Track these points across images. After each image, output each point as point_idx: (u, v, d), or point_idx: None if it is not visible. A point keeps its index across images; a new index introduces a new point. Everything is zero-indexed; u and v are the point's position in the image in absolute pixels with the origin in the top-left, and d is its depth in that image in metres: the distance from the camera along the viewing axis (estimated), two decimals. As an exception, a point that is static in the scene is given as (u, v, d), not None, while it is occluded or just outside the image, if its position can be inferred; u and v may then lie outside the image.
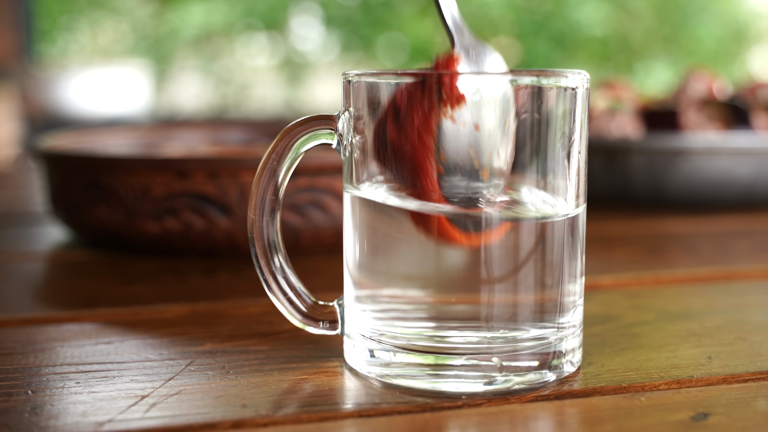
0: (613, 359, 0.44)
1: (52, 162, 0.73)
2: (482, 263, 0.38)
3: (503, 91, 0.38)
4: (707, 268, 0.66)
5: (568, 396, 0.39)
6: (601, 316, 0.52)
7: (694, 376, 0.41)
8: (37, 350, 0.45)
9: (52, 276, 0.67)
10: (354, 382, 0.40)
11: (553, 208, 0.40)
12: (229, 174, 0.64)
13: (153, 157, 0.67)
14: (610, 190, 0.94)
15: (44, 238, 0.79)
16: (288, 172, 0.43)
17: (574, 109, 0.40)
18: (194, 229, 0.65)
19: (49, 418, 0.36)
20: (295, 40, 5.00)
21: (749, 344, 0.46)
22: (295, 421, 0.36)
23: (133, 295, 0.57)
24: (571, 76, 0.39)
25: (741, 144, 0.90)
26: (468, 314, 0.39)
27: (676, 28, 4.88)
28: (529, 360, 0.39)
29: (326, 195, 0.65)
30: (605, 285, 0.60)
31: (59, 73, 4.02)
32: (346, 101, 0.41)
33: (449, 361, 0.39)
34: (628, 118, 0.97)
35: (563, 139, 0.39)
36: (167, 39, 4.84)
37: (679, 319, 0.52)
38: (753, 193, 0.91)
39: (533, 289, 0.39)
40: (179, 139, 0.93)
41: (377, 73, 0.39)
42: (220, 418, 0.36)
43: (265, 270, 0.43)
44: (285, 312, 0.43)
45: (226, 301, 0.55)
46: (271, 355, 0.44)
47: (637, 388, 0.40)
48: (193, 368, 0.42)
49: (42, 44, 4.51)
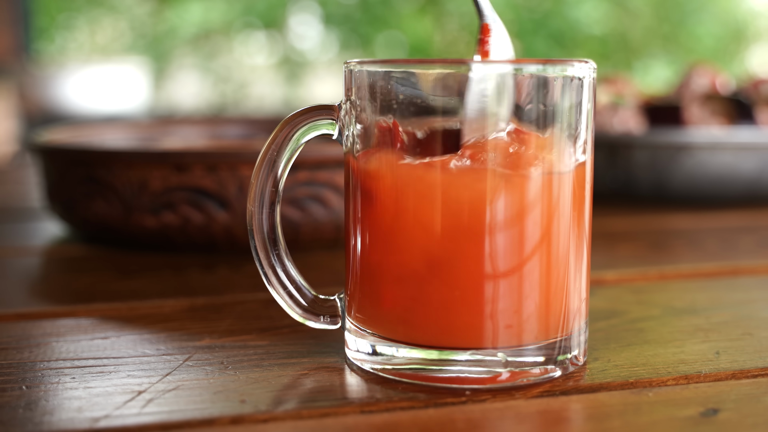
0: (620, 354, 0.43)
1: (49, 156, 0.72)
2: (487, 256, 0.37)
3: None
4: (712, 264, 0.65)
5: (575, 391, 0.38)
6: (606, 312, 0.51)
7: (702, 371, 0.40)
8: (32, 345, 0.44)
9: (49, 271, 0.66)
10: (355, 378, 0.39)
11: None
12: (227, 168, 0.63)
13: (150, 150, 0.67)
14: (613, 185, 0.93)
15: (41, 233, 0.78)
16: (288, 163, 0.42)
17: (580, 99, 0.39)
18: (192, 224, 0.64)
19: (44, 413, 0.35)
20: (294, 39, 4.99)
21: (757, 339, 0.45)
22: (296, 417, 0.35)
23: (130, 289, 0.56)
24: (578, 66, 0.39)
25: (745, 139, 0.89)
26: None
27: (675, 26, 4.87)
28: (535, 355, 0.39)
29: (326, 189, 0.65)
30: (609, 280, 0.59)
31: (57, 70, 4.01)
32: (347, 91, 0.40)
33: (453, 356, 0.38)
34: (631, 113, 0.97)
35: (569, 129, 0.38)
36: (166, 37, 4.83)
37: (685, 314, 0.51)
38: (757, 188, 0.90)
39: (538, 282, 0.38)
40: (177, 134, 0.92)
41: (379, 61, 0.38)
42: (218, 414, 0.35)
43: (265, 263, 0.42)
44: (285, 306, 0.42)
45: (224, 295, 0.55)
46: (270, 350, 0.43)
47: (645, 383, 0.39)
48: (191, 363, 0.41)
49: (40, 42, 4.50)
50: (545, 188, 0.38)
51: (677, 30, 4.87)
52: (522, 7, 4.81)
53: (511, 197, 0.37)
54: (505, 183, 0.37)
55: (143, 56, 4.60)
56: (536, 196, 0.38)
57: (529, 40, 4.75)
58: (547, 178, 0.38)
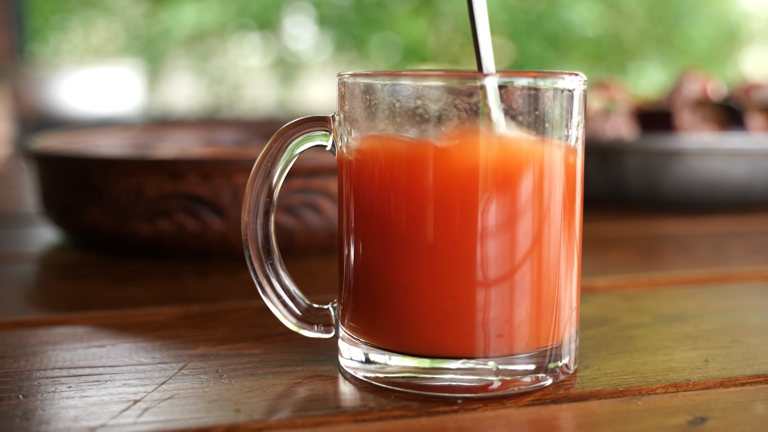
0: (610, 362, 0.43)
1: (44, 163, 0.72)
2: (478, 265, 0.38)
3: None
4: (702, 270, 0.65)
5: (565, 400, 0.38)
6: (597, 319, 0.51)
7: (691, 379, 0.41)
8: (28, 354, 0.45)
9: (44, 278, 0.66)
10: (349, 386, 0.40)
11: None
12: (222, 175, 0.64)
13: (145, 158, 0.67)
14: (604, 191, 0.93)
15: (36, 239, 0.78)
16: (282, 173, 0.42)
17: (570, 110, 0.39)
18: (187, 231, 0.65)
19: (40, 423, 0.36)
20: (288, 40, 4.99)
21: (746, 347, 0.46)
22: (290, 425, 0.36)
23: (125, 297, 0.57)
24: (568, 78, 0.39)
25: (735, 145, 0.90)
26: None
27: (668, 28, 4.89)
28: (526, 363, 0.39)
29: (320, 196, 0.65)
30: (600, 287, 0.60)
31: (51, 72, 4.00)
32: (341, 102, 0.41)
33: (445, 365, 0.39)
34: (623, 119, 0.97)
35: (560, 139, 0.39)
36: (160, 38, 4.83)
37: (674, 321, 0.51)
38: (748, 194, 0.91)
39: (529, 290, 0.39)
40: (172, 140, 0.93)
41: (372, 74, 0.39)
42: (213, 423, 0.36)
43: (259, 273, 0.42)
44: (279, 315, 0.43)
45: (219, 303, 0.55)
46: (265, 359, 0.44)
47: (634, 391, 0.39)
48: (186, 372, 0.42)
49: (34, 44, 4.49)
50: (535, 196, 0.38)
51: (671, 32, 4.89)
52: (516, 9, 4.82)
53: (502, 205, 0.38)
54: (497, 191, 0.38)
55: (137, 58, 4.60)
56: (527, 204, 0.38)
57: (523, 42, 4.76)
58: (538, 187, 0.38)
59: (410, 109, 0.38)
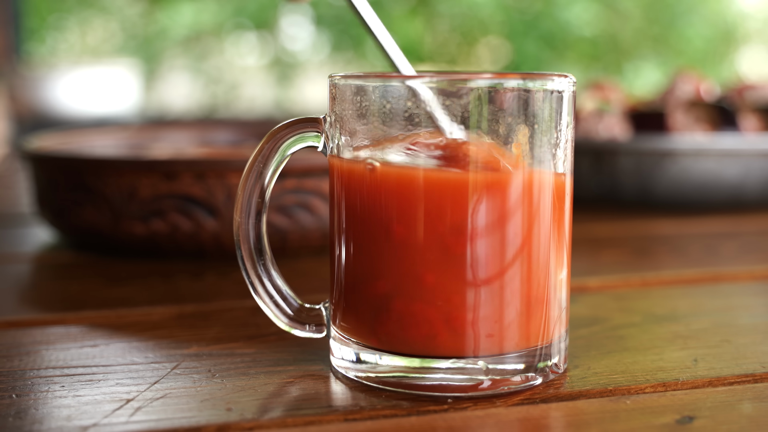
0: (600, 362, 0.44)
1: (39, 163, 0.72)
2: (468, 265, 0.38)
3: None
4: (694, 270, 0.66)
5: (554, 399, 0.39)
6: (587, 319, 0.52)
7: (680, 379, 0.41)
8: (21, 353, 0.45)
9: (38, 278, 0.67)
10: (340, 386, 0.40)
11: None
12: (216, 176, 0.64)
13: (140, 158, 0.67)
14: (597, 191, 0.94)
15: (30, 239, 0.78)
16: (274, 174, 0.42)
17: (560, 111, 0.40)
18: (181, 231, 0.65)
19: (33, 422, 0.36)
20: (285, 40, 4.99)
21: (735, 347, 0.46)
22: (281, 425, 0.36)
23: (119, 297, 0.57)
24: (557, 80, 0.39)
25: (728, 145, 0.90)
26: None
27: (665, 28, 4.89)
28: (515, 363, 0.39)
29: (313, 196, 0.65)
30: (592, 287, 0.60)
31: (48, 72, 4.00)
32: (332, 104, 0.41)
33: (435, 364, 0.39)
34: (616, 120, 0.98)
35: (549, 140, 0.39)
36: (156, 38, 4.83)
37: (665, 321, 0.52)
38: (740, 194, 0.91)
39: (519, 290, 0.39)
40: (167, 140, 0.93)
41: (363, 75, 0.39)
42: (205, 422, 0.36)
43: (251, 273, 0.43)
44: (271, 315, 0.43)
45: (212, 302, 0.55)
46: (257, 358, 0.44)
47: (623, 391, 0.40)
48: (178, 371, 0.42)
49: (31, 43, 4.49)
50: (525, 197, 0.39)
51: (667, 32, 4.90)
52: (512, 9, 4.83)
53: (492, 206, 0.38)
54: (486, 192, 0.38)
55: (134, 58, 4.60)
56: (516, 205, 0.39)
57: (519, 42, 4.76)
58: (527, 187, 0.39)
59: (400, 111, 0.38)
